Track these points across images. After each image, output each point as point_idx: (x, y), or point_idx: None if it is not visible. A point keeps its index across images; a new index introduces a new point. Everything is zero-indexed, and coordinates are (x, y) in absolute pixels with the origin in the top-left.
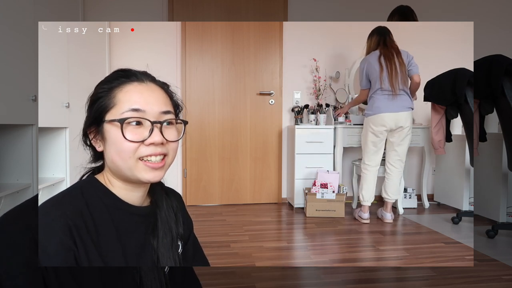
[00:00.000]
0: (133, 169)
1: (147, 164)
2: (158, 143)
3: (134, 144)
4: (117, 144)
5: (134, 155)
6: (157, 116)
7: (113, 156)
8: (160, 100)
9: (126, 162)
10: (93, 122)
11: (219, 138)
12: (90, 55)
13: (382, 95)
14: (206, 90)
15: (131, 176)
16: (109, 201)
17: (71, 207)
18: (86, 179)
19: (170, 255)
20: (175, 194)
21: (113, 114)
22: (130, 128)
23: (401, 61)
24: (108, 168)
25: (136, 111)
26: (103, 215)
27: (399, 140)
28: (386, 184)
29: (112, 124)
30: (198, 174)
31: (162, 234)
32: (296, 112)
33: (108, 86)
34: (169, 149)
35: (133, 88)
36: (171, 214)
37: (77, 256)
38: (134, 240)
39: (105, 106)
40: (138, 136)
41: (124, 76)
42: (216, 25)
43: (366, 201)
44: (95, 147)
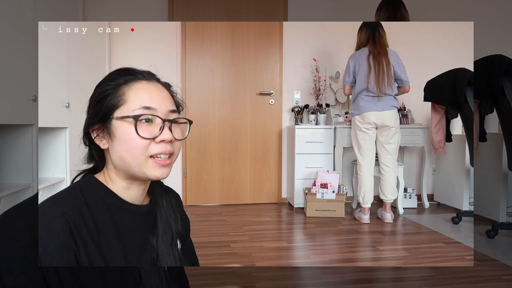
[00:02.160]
0: (142, 166)
1: (157, 161)
2: (168, 141)
3: (146, 141)
4: (128, 141)
5: (145, 153)
6: (166, 114)
7: (122, 152)
8: (167, 99)
9: (136, 159)
10: (100, 119)
11: (219, 138)
12: (90, 55)
13: (367, 96)
14: (206, 90)
15: (139, 173)
16: (110, 200)
17: (71, 206)
18: (85, 178)
19: (170, 252)
20: (173, 193)
21: (123, 111)
22: (142, 125)
23: (387, 62)
24: (113, 166)
25: (147, 109)
26: (103, 214)
27: (388, 139)
28: (382, 185)
29: (124, 120)
30: (198, 174)
31: (162, 232)
32: (296, 112)
33: (115, 83)
34: (175, 147)
35: (142, 86)
36: (171, 212)
37: (78, 256)
38: (134, 238)
39: (114, 103)
40: (149, 133)
41: (129, 73)
42: (216, 25)
43: (366, 203)
44: (95, 146)
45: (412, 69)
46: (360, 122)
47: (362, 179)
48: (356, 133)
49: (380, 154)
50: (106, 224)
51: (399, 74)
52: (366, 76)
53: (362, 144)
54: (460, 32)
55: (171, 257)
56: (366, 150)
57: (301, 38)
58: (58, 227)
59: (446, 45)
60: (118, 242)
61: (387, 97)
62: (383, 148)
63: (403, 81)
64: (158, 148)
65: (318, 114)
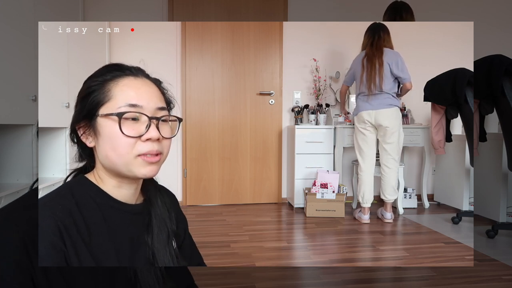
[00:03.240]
0: (129, 164)
1: (144, 158)
2: (155, 139)
3: (131, 140)
4: (113, 139)
5: (131, 151)
6: (153, 112)
7: (108, 151)
8: (155, 96)
9: (123, 157)
10: (85, 116)
11: (219, 138)
12: (90, 55)
13: (362, 96)
14: (206, 90)
15: (126, 172)
16: (101, 199)
17: (60, 207)
18: (75, 179)
19: (166, 251)
20: (168, 192)
21: (109, 108)
22: (127, 123)
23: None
24: (101, 165)
25: (134, 106)
26: (94, 214)
27: (386, 138)
28: (382, 185)
29: (108, 118)
30: (198, 174)
31: (157, 230)
32: (296, 112)
33: (101, 79)
34: (163, 146)
35: (129, 82)
36: (165, 211)
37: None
38: (127, 238)
39: (99, 99)
40: (135, 132)
41: (117, 69)
42: (216, 25)
43: (365, 203)
44: (82, 144)
45: (412, 69)
46: (357, 122)
47: (362, 178)
48: (356, 133)
49: (380, 154)
50: (98, 225)
51: (396, 72)
52: (360, 77)
53: (361, 144)
54: (460, 32)
55: (168, 255)
56: (364, 149)
57: (301, 38)
58: (47, 228)
59: (446, 45)
60: (110, 242)
61: (384, 96)
62: (382, 147)
63: (402, 78)
64: (145, 147)
65: (318, 114)
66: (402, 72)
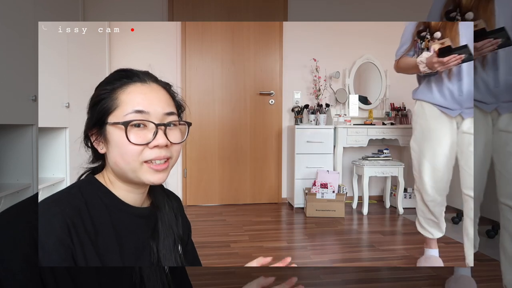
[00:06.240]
0: (137, 171)
1: (151, 166)
2: (163, 146)
3: (138, 147)
4: (121, 147)
5: (138, 158)
6: (161, 117)
7: (117, 158)
8: (163, 101)
9: (130, 164)
10: (95, 124)
11: (219, 138)
12: (90, 55)
13: None
14: (206, 90)
15: (134, 178)
16: (109, 201)
17: (70, 205)
18: (85, 179)
19: (172, 256)
20: (175, 197)
21: (116, 116)
22: (134, 130)
23: None
24: (111, 169)
25: (140, 112)
26: (102, 214)
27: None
28: None
29: (116, 126)
30: (198, 174)
31: (164, 235)
32: (296, 112)
33: (110, 87)
34: (173, 151)
35: (136, 89)
36: (172, 216)
37: (75, 254)
38: (133, 240)
39: (107, 108)
40: (142, 139)
41: (126, 76)
42: (216, 25)
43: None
44: (96, 149)
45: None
46: None
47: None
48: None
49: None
50: (105, 225)
51: None
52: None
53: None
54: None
55: (173, 261)
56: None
57: (301, 38)
58: (56, 225)
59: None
60: (116, 243)
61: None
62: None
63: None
64: (153, 154)
65: (318, 114)
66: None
